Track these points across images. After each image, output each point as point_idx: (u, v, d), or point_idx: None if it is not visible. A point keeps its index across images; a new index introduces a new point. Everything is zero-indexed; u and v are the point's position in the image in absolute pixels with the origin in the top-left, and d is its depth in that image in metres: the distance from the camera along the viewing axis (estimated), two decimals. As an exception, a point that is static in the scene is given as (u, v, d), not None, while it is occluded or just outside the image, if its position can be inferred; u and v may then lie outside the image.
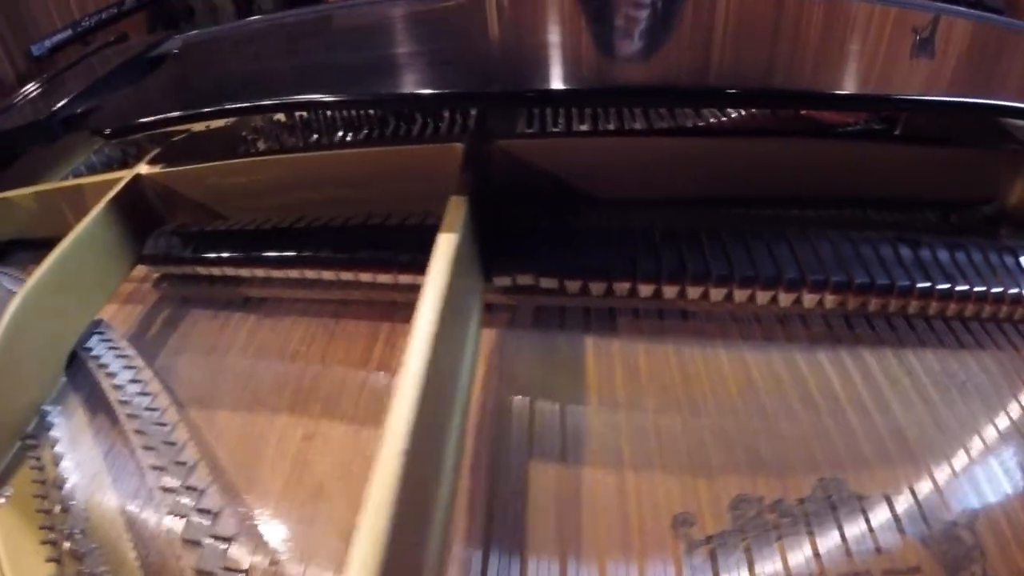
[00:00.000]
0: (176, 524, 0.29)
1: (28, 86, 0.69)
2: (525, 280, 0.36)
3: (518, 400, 0.33)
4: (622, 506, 0.28)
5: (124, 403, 0.36)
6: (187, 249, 0.44)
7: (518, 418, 0.32)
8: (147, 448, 0.33)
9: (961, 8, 0.58)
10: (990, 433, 0.34)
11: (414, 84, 0.39)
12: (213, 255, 0.42)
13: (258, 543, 0.28)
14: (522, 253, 0.36)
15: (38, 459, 0.37)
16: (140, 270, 0.48)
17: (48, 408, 0.39)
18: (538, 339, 0.37)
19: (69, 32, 1.77)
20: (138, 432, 0.34)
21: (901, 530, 0.28)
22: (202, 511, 0.29)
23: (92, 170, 0.67)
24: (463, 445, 0.28)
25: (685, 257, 0.36)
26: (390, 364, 0.36)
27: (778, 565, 0.26)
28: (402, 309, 0.40)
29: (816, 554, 0.26)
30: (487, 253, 0.35)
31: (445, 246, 0.30)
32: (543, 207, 0.39)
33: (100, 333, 0.43)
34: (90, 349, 0.42)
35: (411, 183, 0.40)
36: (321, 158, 0.42)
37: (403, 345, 0.27)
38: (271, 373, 0.38)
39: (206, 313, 0.45)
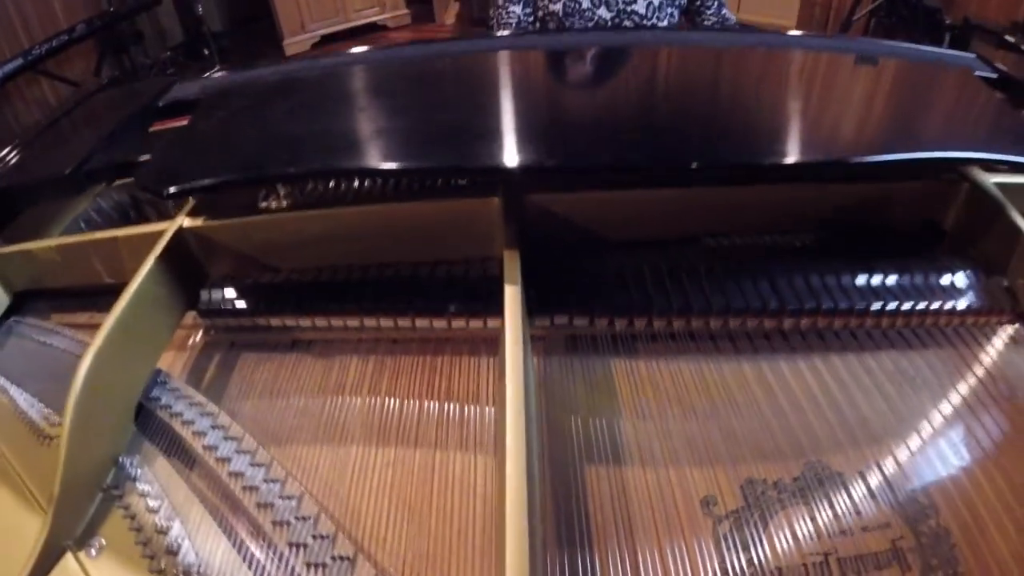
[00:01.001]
0: (295, 553, 0.35)
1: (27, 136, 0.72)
2: (561, 320, 0.44)
3: (568, 417, 0.41)
4: (661, 495, 0.36)
5: (210, 448, 0.42)
6: (243, 302, 0.50)
7: (570, 433, 0.40)
8: (248, 488, 0.39)
9: (888, 43, 0.70)
10: (937, 417, 0.45)
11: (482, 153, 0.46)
12: (271, 308, 0.48)
13: (374, 561, 0.35)
14: (558, 296, 0.44)
15: (127, 508, 0.42)
16: (186, 317, 0.53)
17: (125, 459, 0.44)
18: (576, 365, 0.45)
19: (20, 61, 1.76)
20: (234, 474, 0.40)
21: (873, 497, 0.37)
22: (317, 537, 0.35)
23: (104, 216, 0.71)
24: (543, 461, 0.36)
25: (689, 294, 0.45)
26: (454, 393, 0.44)
27: (785, 530, 0.35)
28: (452, 343, 0.47)
29: (812, 518, 0.35)
30: (529, 297, 0.43)
31: (512, 297, 0.38)
32: (570, 253, 0.47)
33: (163, 383, 0.48)
34: (158, 399, 0.47)
35: (450, 233, 0.48)
36: (363, 212, 0.49)
37: (468, 376, 0.34)
38: (339, 408, 0.45)
39: (257, 356, 0.51)
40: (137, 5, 3.77)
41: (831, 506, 0.37)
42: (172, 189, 0.47)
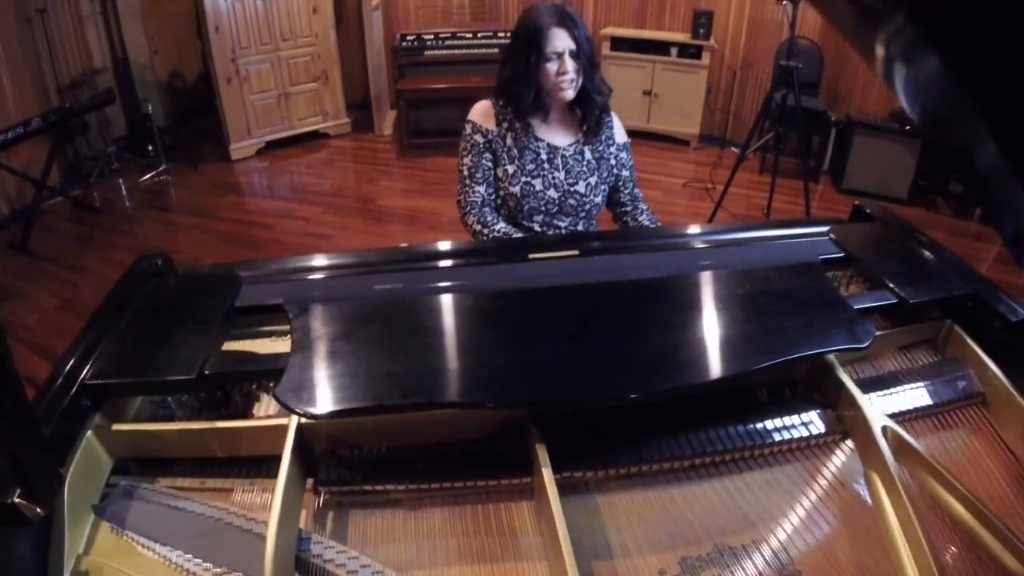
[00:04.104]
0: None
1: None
2: (567, 474, 0.82)
3: (571, 533, 0.77)
4: (636, 570, 0.73)
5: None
6: (354, 474, 0.84)
7: (579, 542, 0.76)
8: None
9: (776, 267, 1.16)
10: (794, 507, 0.84)
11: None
12: (376, 477, 0.83)
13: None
14: (563, 459, 0.82)
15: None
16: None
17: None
18: (575, 500, 0.82)
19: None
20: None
21: (757, 562, 0.75)
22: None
23: (164, 410, 1.01)
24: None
25: (639, 448, 0.84)
26: (516, 528, 0.80)
27: (706, 583, 0.72)
28: (507, 492, 0.84)
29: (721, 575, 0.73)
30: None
31: (548, 474, 0.76)
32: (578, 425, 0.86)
33: (307, 538, 0.81)
34: (308, 550, 0.79)
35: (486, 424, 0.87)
36: (427, 416, 0.87)
37: (523, 517, 0.70)
38: (443, 545, 0.79)
39: (363, 511, 0.85)
40: (92, 103, 4.18)
41: (732, 568, 0.74)
42: (313, 411, 0.82)
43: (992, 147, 0.54)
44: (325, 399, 0.84)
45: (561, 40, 1.51)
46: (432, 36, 4.97)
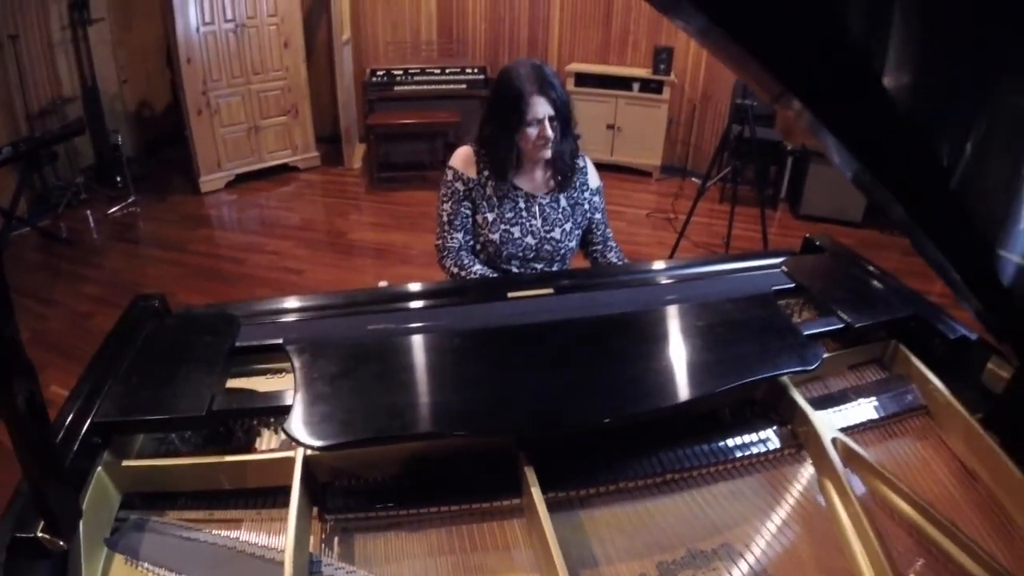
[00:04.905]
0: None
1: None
2: (552, 494, 0.91)
3: (561, 547, 0.86)
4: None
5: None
6: (359, 501, 0.92)
7: (568, 553, 0.85)
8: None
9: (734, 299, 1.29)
10: (757, 514, 0.95)
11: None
12: (380, 503, 0.91)
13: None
14: (549, 480, 0.92)
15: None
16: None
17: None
18: (563, 516, 0.91)
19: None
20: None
21: (727, 564, 0.85)
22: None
23: (167, 446, 1.07)
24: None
25: (615, 467, 0.94)
26: (509, 543, 0.89)
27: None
28: (499, 512, 0.93)
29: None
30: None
31: (537, 493, 0.86)
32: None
33: (317, 562, 0.88)
34: (320, 572, 0.87)
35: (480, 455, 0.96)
36: (423, 445, 0.95)
37: (523, 535, 0.79)
38: (444, 562, 0.87)
39: (365, 535, 0.92)
40: (63, 132, 4.17)
41: (704, 570, 0.85)
42: (321, 443, 0.90)
43: (899, 208, 0.67)
44: (331, 432, 0.92)
45: (542, 107, 1.62)
46: (401, 71, 5.13)
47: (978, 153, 0.65)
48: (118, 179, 4.60)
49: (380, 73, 5.15)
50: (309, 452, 0.96)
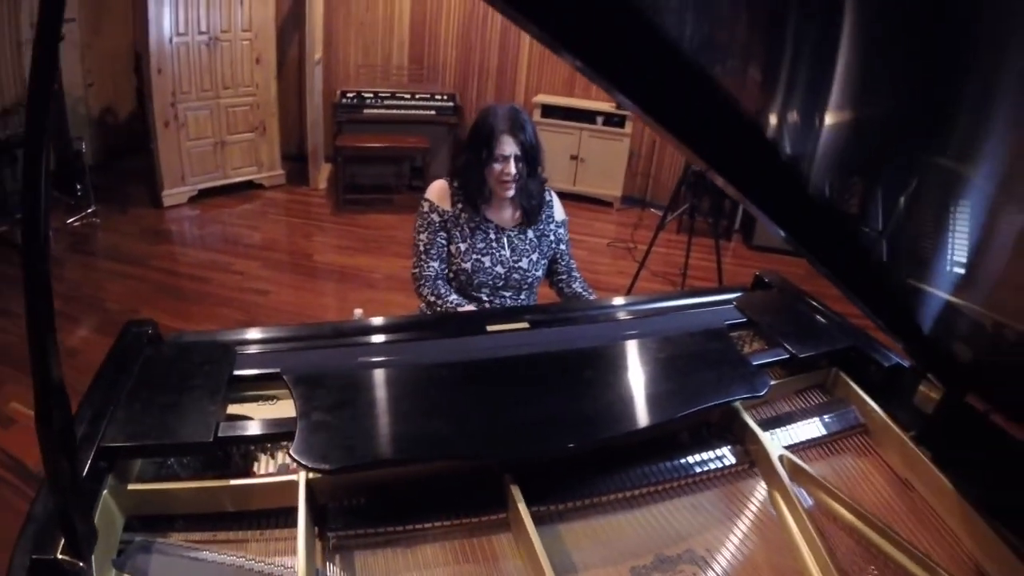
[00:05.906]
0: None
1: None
2: (534, 508, 1.02)
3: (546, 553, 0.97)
4: (596, 580, 0.94)
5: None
6: (359, 520, 1.01)
7: (548, 562, 0.96)
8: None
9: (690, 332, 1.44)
10: (716, 523, 1.08)
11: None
12: (379, 521, 1.00)
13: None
14: (531, 497, 1.02)
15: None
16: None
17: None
18: (547, 529, 1.02)
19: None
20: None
21: (687, 566, 0.97)
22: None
23: (167, 470, 1.13)
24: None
25: (590, 484, 1.06)
26: (498, 554, 0.99)
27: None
28: (488, 526, 1.02)
29: (661, 578, 0.95)
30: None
31: (523, 508, 0.96)
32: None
33: (322, 578, 0.96)
34: (328, 594, 0.95)
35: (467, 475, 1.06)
36: (416, 467, 1.05)
37: (514, 546, 0.90)
38: (440, 574, 0.96)
39: (363, 552, 1.01)
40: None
41: (671, 573, 0.96)
42: (326, 467, 0.98)
43: (825, 271, 0.82)
44: (337, 457, 1.00)
45: (509, 146, 1.79)
46: (372, 94, 5.21)
47: (895, 214, 0.80)
48: (78, 187, 4.47)
49: (350, 95, 5.22)
50: (311, 476, 1.04)
